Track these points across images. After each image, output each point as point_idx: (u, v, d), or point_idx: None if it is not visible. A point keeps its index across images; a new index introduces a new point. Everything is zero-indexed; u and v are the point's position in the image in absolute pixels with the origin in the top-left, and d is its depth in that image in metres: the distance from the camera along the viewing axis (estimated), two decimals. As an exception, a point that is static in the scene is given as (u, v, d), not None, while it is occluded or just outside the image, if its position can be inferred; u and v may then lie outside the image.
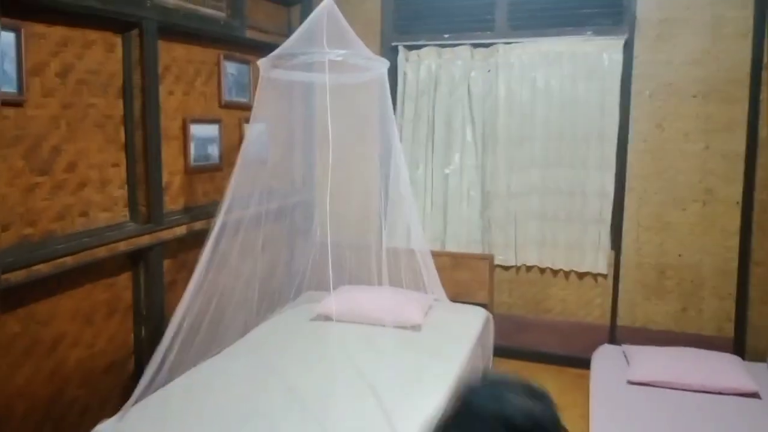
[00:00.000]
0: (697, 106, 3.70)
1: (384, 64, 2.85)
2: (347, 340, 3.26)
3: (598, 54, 3.83)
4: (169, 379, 2.79)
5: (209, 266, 2.88)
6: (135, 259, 3.00)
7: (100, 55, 2.78)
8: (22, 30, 2.37)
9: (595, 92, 3.85)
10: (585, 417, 3.40)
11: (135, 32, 2.90)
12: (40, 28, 2.48)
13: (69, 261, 2.53)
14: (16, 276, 2.30)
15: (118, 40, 2.87)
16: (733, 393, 3.14)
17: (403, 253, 3.74)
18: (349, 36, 2.80)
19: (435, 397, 2.65)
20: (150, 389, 2.67)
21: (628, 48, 3.79)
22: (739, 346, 3.74)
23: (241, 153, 2.95)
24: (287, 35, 4.24)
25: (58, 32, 2.56)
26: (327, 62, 2.58)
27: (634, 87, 3.80)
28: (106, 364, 2.87)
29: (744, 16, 3.56)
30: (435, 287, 3.57)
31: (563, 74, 3.91)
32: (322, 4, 2.77)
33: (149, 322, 3.06)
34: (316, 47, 2.73)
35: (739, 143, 3.64)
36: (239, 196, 3.81)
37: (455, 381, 2.83)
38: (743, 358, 3.61)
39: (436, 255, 3.77)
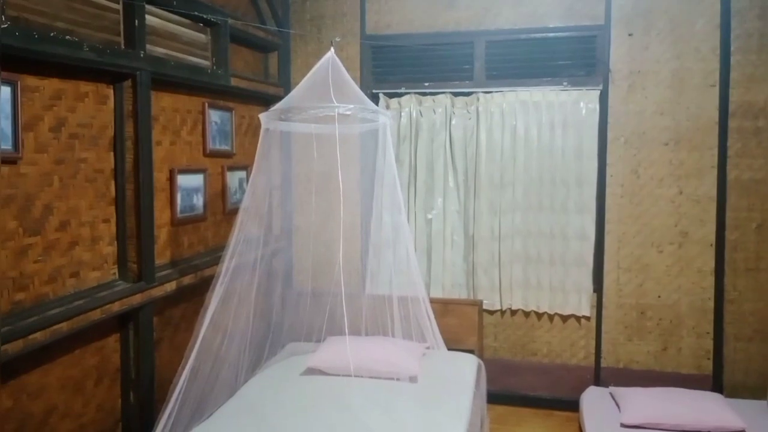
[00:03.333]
0: (669, 153, 3.88)
1: (387, 116, 2.86)
2: (346, 395, 3.17)
3: (574, 103, 3.97)
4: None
5: (210, 322, 2.77)
6: (124, 320, 2.84)
7: (92, 107, 2.66)
8: (18, 83, 2.25)
9: (573, 139, 3.98)
10: (582, 462, 3.42)
11: (128, 83, 2.80)
12: (33, 81, 2.36)
13: (64, 327, 2.37)
14: (14, 347, 2.13)
15: (110, 92, 2.76)
16: (722, 431, 3.24)
17: (389, 299, 3.69)
18: (351, 87, 2.80)
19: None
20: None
21: (603, 98, 3.95)
22: (717, 382, 3.87)
23: (244, 203, 2.88)
24: (265, 81, 4.23)
25: (51, 85, 2.44)
26: (336, 115, 2.56)
27: (610, 135, 3.95)
28: (94, 434, 2.68)
29: (710, 68, 3.78)
30: (433, 335, 3.52)
31: (542, 122, 4.02)
32: (325, 57, 2.77)
33: (138, 386, 2.88)
34: (320, 100, 2.72)
35: (710, 187, 3.83)
36: (223, 247, 3.71)
37: (465, 434, 2.79)
38: (722, 394, 3.73)
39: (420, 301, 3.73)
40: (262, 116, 2.84)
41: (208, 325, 2.76)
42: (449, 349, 3.72)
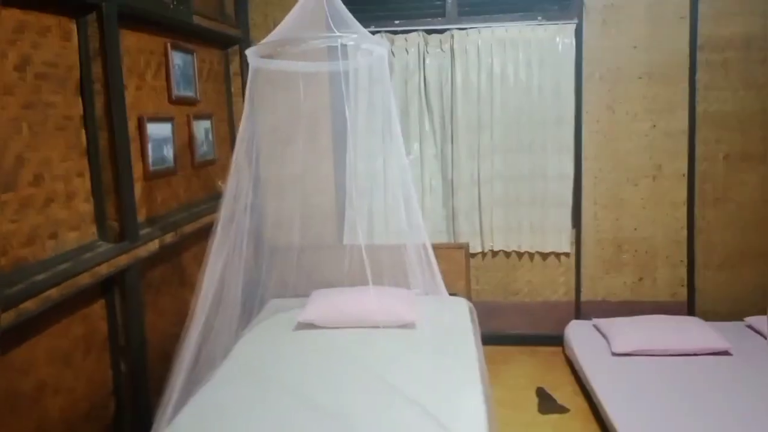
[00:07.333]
0: (643, 87, 3.91)
1: (385, 46, 2.66)
2: (348, 346, 3.06)
3: (551, 39, 3.90)
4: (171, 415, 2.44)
5: (209, 283, 2.55)
6: (108, 284, 2.56)
7: (57, 44, 2.32)
8: (-23, 12, 1.90)
9: (550, 77, 3.93)
10: (578, 393, 3.49)
11: (92, 17, 2.45)
12: (-7, 10, 2.01)
13: (54, 294, 2.09)
14: (6, 318, 1.85)
15: (73, 27, 2.41)
16: (708, 353, 3.37)
17: (378, 248, 3.56)
18: (347, 16, 2.58)
19: (471, 395, 2.55)
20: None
21: (578, 33, 3.90)
22: (691, 308, 4.03)
23: (236, 153, 2.63)
24: (221, 21, 3.89)
25: (13, 16, 2.09)
26: (339, 47, 2.35)
27: (585, 71, 3.93)
28: (87, 409, 2.43)
29: (683, 1, 3.79)
30: (436, 282, 3.43)
31: (519, 59, 3.94)
32: (318, -15, 2.53)
33: (129, 355, 2.63)
34: (312, 31, 2.50)
35: (681, 121, 3.90)
36: (196, 202, 3.46)
37: (480, 377, 2.75)
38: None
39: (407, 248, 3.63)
40: (249, 52, 2.57)
41: (208, 285, 2.54)
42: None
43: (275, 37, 2.60)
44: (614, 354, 3.44)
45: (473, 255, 4.13)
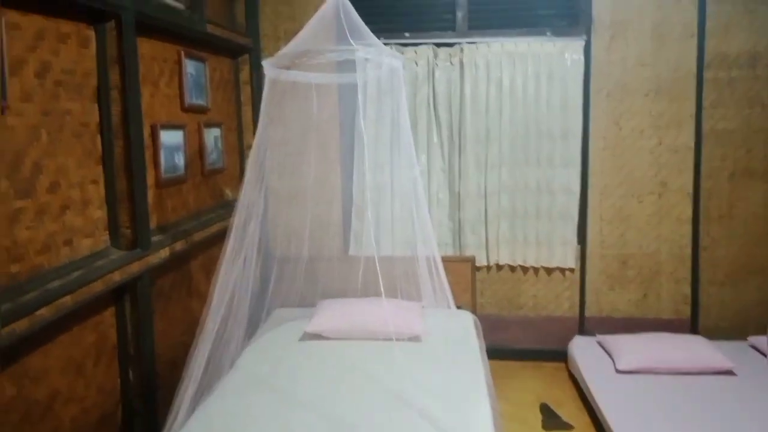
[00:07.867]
0: (650, 103, 3.93)
1: (401, 59, 2.68)
2: (353, 358, 3.05)
3: (559, 54, 3.93)
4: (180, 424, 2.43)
5: (221, 292, 2.54)
6: (119, 292, 2.56)
7: (75, 51, 2.32)
8: (2, 19, 1.90)
9: (558, 91, 3.95)
10: (582, 410, 3.49)
11: (111, 24, 2.46)
12: (15, 16, 2.01)
13: (68, 301, 2.08)
14: (20, 326, 1.85)
15: (91, 34, 2.42)
16: (712, 372, 3.38)
17: (383, 260, 3.55)
18: (364, 30, 2.60)
19: (480, 410, 2.55)
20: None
21: (587, 49, 3.93)
22: (694, 326, 4.04)
23: (249, 162, 2.63)
24: (235, 30, 3.91)
25: (33, 23, 2.09)
26: (357, 59, 2.37)
27: (593, 86, 3.95)
28: (97, 418, 2.41)
29: (689, 18, 3.83)
30: (444, 293, 3.44)
31: (528, 74, 3.96)
32: (332, -3, 2.54)
33: (138, 363, 2.62)
34: (329, 43, 2.52)
35: (688, 138, 3.93)
36: (205, 210, 3.46)
37: (488, 391, 2.75)
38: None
39: (414, 260, 3.64)
40: (266, 63, 2.59)
41: (220, 295, 2.54)
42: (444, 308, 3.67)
43: (292, 48, 2.62)
44: (619, 371, 3.44)
45: (479, 268, 4.13)
